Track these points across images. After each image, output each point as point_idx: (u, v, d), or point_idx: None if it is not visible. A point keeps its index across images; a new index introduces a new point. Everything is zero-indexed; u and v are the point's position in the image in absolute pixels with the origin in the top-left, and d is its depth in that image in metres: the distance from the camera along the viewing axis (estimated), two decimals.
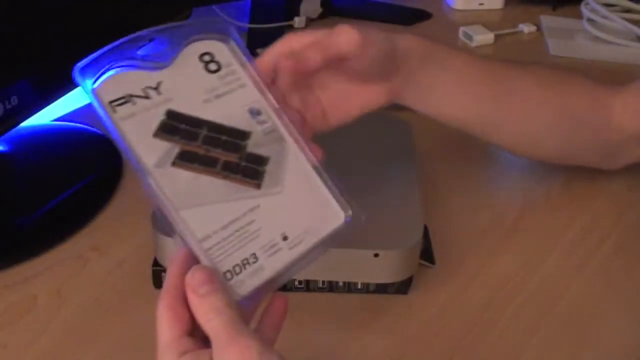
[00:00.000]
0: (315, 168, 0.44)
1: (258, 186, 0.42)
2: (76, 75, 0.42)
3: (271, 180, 0.42)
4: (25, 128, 0.72)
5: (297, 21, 1.06)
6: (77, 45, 0.68)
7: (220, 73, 0.45)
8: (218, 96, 0.44)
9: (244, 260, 0.40)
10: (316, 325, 0.53)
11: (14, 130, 0.63)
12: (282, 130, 0.44)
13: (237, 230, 0.41)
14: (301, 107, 0.49)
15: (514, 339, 0.52)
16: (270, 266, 0.40)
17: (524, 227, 0.63)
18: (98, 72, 0.42)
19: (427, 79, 0.53)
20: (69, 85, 0.69)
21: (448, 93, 0.55)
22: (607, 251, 0.60)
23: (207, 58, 0.45)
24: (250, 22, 1.05)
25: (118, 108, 0.42)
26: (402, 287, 0.55)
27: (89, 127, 0.76)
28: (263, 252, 0.41)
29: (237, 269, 0.40)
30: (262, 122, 0.44)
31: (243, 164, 0.42)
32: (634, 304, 0.55)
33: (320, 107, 0.50)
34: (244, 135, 0.43)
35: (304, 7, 1.06)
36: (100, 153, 0.73)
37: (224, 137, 0.43)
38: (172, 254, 0.52)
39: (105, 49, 0.42)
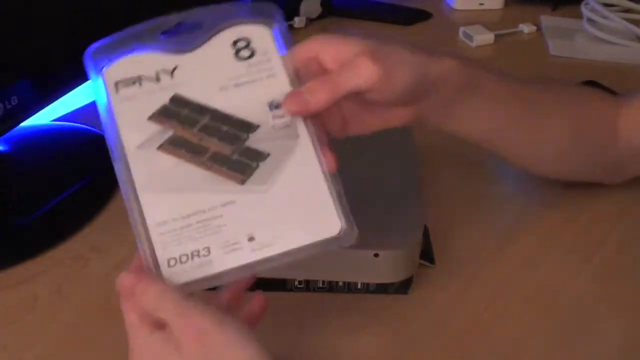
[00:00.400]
0: (324, 173, 0.42)
1: (242, 181, 0.41)
2: (87, 57, 0.41)
3: (261, 177, 0.41)
4: (25, 128, 0.72)
5: (297, 21, 1.06)
6: (77, 45, 0.68)
7: (252, 60, 0.43)
8: (238, 85, 0.43)
9: (194, 251, 0.40)
10: (316, 325, 0.53)
11: (14, 130, 0.63)
12: (300, 128, 0.42)
13: (198, 222, 0.40)
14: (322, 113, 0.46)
15: (514, 339, 0.52)
16: (220, 263, 0.40)
17: (524, 228, 0.63)
18: (113, 54, 0.42)
19: (457, 104, 0.51)
20: (69, 85, 0.70)
21: (476, 116, 0.53)
22: (607, 251, 0.60)
23: (241, 44, 0.43)
24: None
25: (122, 89, 0.41)
26: (402, 287, 0.55)
27: (89, 127, 0.76)
28: (219, 248, 0.40)
29: (184, 259, 0.40)
30: (278, 117, 0.42)
31: (235, 157, 0.41)
32: (634, 304, 0.55)
33: (340, 116, 0.47)
34: (249, 127, 0.42)
35: (304, 7, 1.06)
36: (100, 153, 0.73)
37: (224, 128, 0.42)
38: None
39: (123, 32, 0.41)
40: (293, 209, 0.41)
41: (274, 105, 0.42)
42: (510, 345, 0.51)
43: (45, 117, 0.77)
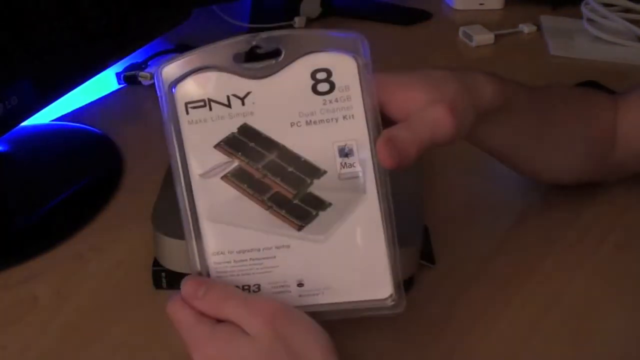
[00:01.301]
0: (386, 238, 0.41)
1: (299, 228, 0.40)
2: (157, 74, 0.40)
3: (319, 227, 0.40)
4: (25, 128, 0.72)
5: (297, 21, 1.06)
6: (77, 45, 0.68)
7: (329, 96, 0.39)
8: (310, 122, 0.39)
9: (245, 286, 0.41)
10: None
11: (14, 130, 0.63)
12: (369, 183, 0.40)
13: (252, 259, 0.41)
14: None
15: (514, 339, 0.52)
16: None
17: (524, 227, 0.63)
18: (185, 73, 0.40)
19: (483, 122, 0.48)
20: (69, 85, 0.70)
21: (499, 132, 0.52)
22: (607, 251, 0.60)
23: (321, 75, 0.39)
24: (250, 22, 1.05)
25: (192, 111, 0.40)
26: (402, 287, 0.55)
27: (89, 127, 0.76)
28: (270, 287, 0.41)
29: None
30: (347, 165, 0.40)
31: (295, 201, 0.40)
32: (634, 304, 0.55)
33: None
34: (315, 172, 0.40)
35: (303, 7, 1.06)
36: (100, 153, 0.73)
37: (290, 168, 0.40)
38: (172, 255, 0.52)
39: (196, 50, 0.40)
40: (346, 265, 0.41)
41: (344, 152, 0.40)
42: (510, 345, 0.51)
43: (45, 117, 0.77)
